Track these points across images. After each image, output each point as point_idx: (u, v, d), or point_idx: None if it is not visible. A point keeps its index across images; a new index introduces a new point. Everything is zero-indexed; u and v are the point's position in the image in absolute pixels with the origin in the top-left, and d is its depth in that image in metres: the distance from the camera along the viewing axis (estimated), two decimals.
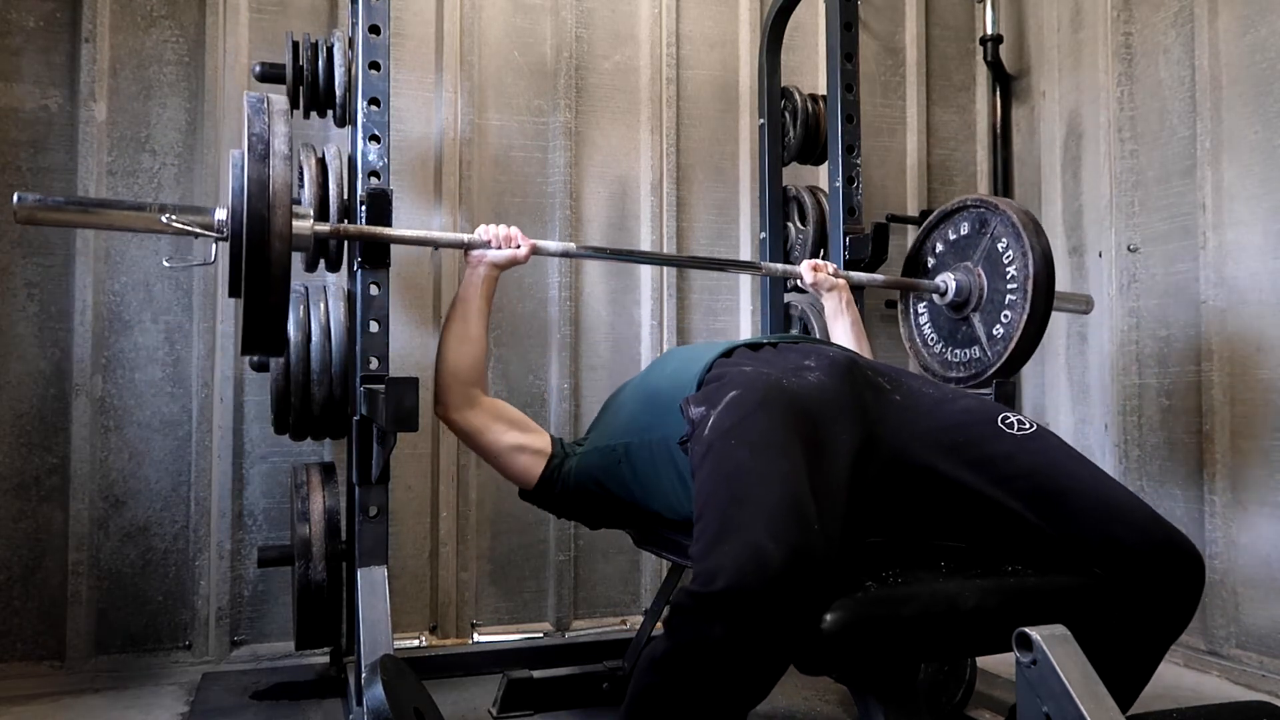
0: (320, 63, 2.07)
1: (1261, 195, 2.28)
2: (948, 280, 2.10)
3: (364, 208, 1.77)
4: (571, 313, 2.66)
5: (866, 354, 2.04)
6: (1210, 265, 2.38)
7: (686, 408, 1.43)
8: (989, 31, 3.07)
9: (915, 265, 2.23)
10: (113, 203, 1.52)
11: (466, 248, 1.80)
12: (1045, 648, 1.06)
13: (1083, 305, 2.45)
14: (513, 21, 2.68)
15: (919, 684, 1.37)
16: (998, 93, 3.10)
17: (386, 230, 1.75)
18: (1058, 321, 2.90)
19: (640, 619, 2.60)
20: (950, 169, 3.12)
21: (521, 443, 1.75)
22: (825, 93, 2.48)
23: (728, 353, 1.56)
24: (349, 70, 2.02)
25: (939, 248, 2.18)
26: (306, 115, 2.15)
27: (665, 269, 2.73)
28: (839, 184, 2.33)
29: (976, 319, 2.06)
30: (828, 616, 1.17)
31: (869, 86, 2.96)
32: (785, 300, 2.68)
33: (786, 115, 2.72)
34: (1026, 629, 1.08)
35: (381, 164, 1.84)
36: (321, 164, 2.01)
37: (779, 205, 2.68)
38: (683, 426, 1.43)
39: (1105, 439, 2.68)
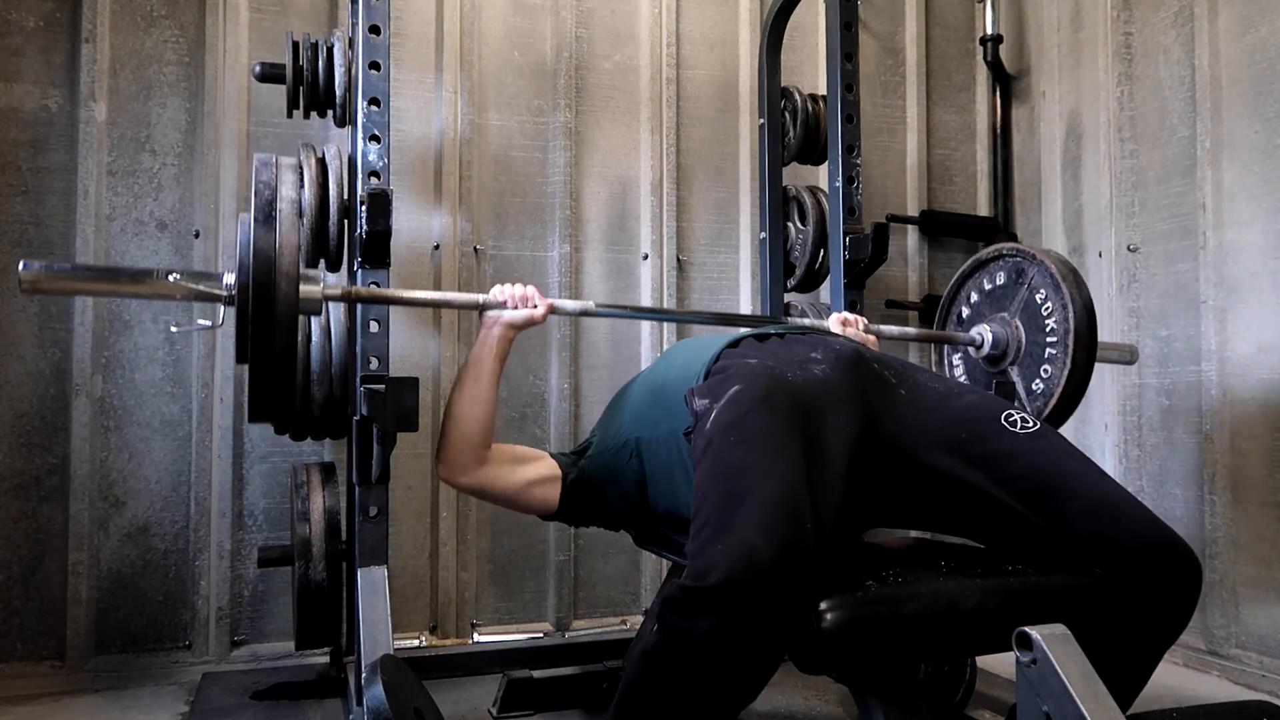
0: (320, 63, 2.07)
1: (1261, 195, 2.28)
2: (984, 332, 2.04)
3: (364, 208, 1.77)
4: None
5: None
6: (1210, 265, 2.38)
7: (691, 399, 1.43)
8: (989, 31, 3.07)
9: (948, 312, 2.18)
10: (119, 270, 1.52)
11: (482, 308, 1.73)
12: (1045, 647, 1.06)
13: (1127, 355, 2.31)
14: (513, 21, 2.68)
15: (919, 684, 1.37)
16: (998, 93, 3.10)
17: (399, 292, 1.76)
18: None
19: (640, 619, 2.60)
20: (950, 169, 3.12)
21: (532, 477, 1.72)
22: (825, 93, 2.47)
23: (734, 344, 1.55)
24: (349, 70, 2.02)
25: (973, 297, 2.12)
26: (306, 115, 2.15)
27: (666, 268, 2.73)
28: (839, 184, 2.33)
29: (1014, 373, 2.01)
30: (828, 615, 1.17)
31: (869, 86, 2.96)
32: (785, 300, 2.68)
33: (786, 115, 2.72)
34: (1026, 629, 1.08)
35: (381, 164, 1.84)
36: (321, 164, 2.00)
37: (779, 205, 2.68)
38: (690, 419, 1.43)
39: (1105, 439, 2.68)
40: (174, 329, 1.67)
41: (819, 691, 2.14)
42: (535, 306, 1.73)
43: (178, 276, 1.46)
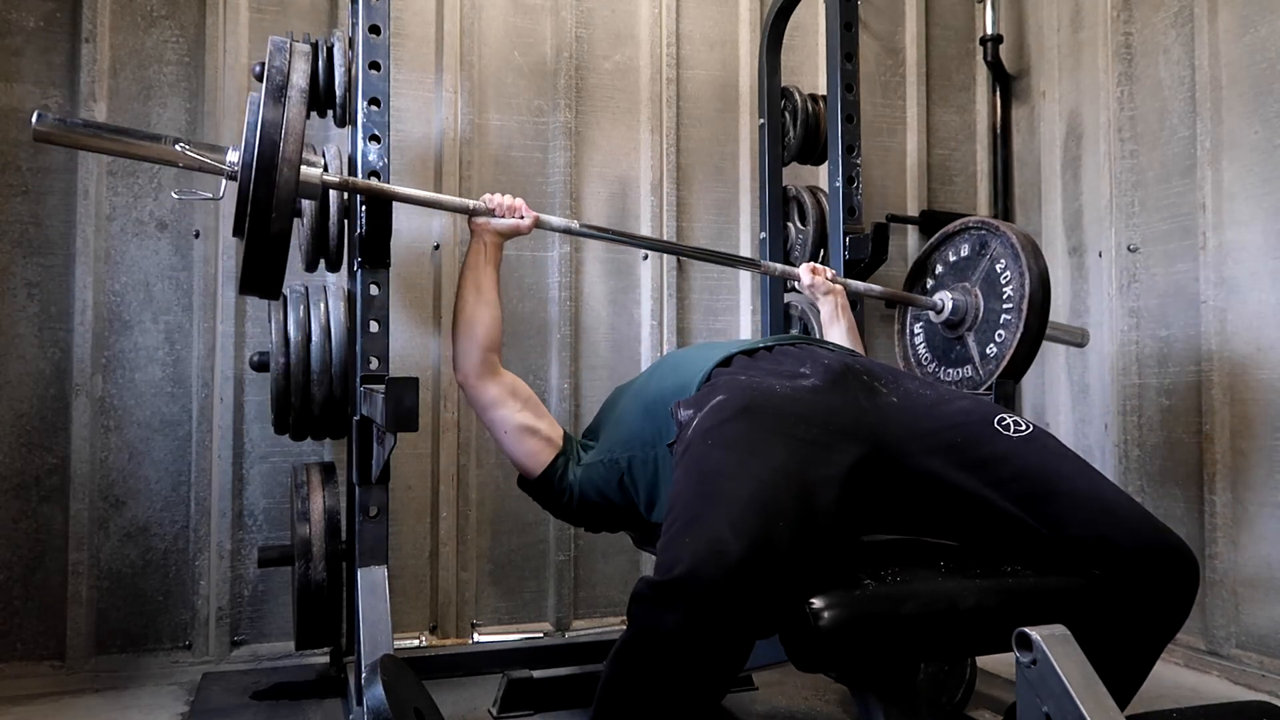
0: (320, 63, 2.07)
1: (1261, 195, 2.28)
2: (944, 298, 2.11)
3: (364, 208, 1.77)
4: (571, 312, 2.66)
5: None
6: (1210, 265, 2.38)
7: (676, 411, 1.46)
8: (989, 31, 3.07)
9: (915, 285, 2.23)
10: (130, 130, 1.57)
11: (472, 214, 1.80)
12: (1045, 648, 1.06)
13: (1078, 337, 2.41)
14: (513, 21, 2.68)
15: (919, 683, 1.37)
16: (998, 93, 3.10)
17: (394, 187, 1.77)
18: (1058, 319, 2.90)
19: None
20: (950, 169, 3.12)
21: (533, 426, 1.74)
22: (825, 93, 2.48)
23: (725, 361, 1.57)
24: (349, 70, 2.02)
25: (939, 269, 2.18)
26: (306, 115, 2.15)
27: (666, 269, 2.73)
28: (839, 184, 2.33)
29: (970, 338, 2.07)
30: (825, 613, 1.17)
31: (869, 86, 2.96)
32: (785, 300, 2.68)
33: (786, 115, 2.72)
34: (1026, 629, 1.08)
35: (381, 164, 1.84)
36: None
37: (779, 205, 2.68)
38: (675, 432, 1.45)
39: (1105, 439, 2.68)
40: (175, 195, 1.73)
41: (819, 691, 2.14)
42: (522, 217, 1.79)
43: (185, 146, 1.52)
